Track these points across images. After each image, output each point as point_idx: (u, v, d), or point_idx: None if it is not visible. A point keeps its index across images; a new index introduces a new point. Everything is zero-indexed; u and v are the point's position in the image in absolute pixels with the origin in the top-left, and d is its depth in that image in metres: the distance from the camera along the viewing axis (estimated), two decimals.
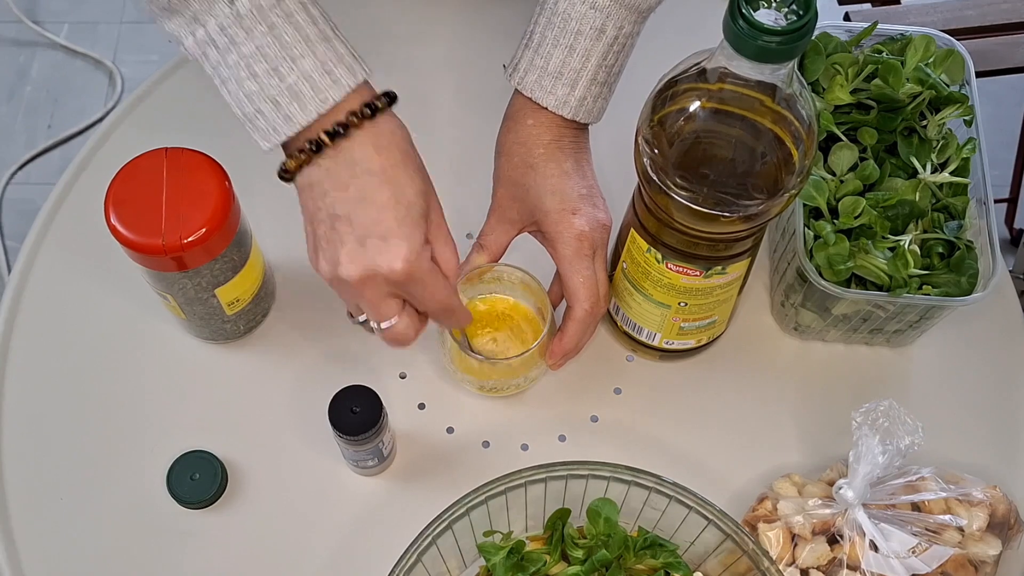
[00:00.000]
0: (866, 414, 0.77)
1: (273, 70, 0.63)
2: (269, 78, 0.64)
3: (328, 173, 0.66)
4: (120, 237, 0.75)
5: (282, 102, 0.64)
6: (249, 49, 0.63)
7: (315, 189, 0.66)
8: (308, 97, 0.64)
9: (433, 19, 1.05)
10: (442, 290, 0.70)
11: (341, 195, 0.66)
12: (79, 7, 2.04)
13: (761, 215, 0.70)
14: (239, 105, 0.66)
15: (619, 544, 0.75)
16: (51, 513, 0.83)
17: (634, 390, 0.89)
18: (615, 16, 0.75)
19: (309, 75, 0.64)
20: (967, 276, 0.81)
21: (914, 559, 0.75)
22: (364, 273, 0.66)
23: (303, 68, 0.63)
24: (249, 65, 0.64)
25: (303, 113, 0.64)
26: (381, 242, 0.66)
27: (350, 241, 0.66)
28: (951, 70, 0.88)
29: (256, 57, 0.63)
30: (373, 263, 0.66)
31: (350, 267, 0.66)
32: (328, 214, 0.66)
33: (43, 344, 0.90)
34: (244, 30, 0.63)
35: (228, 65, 0.64)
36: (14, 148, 1.90)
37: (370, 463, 0.82)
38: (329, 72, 0.64)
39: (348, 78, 0.65)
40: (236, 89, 0.65)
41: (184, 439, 0.85)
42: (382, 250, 0.66)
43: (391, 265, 0.66)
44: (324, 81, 0.64)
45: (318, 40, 0.64)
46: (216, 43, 0.64)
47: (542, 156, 0.78)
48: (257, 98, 0.64)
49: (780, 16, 0.60)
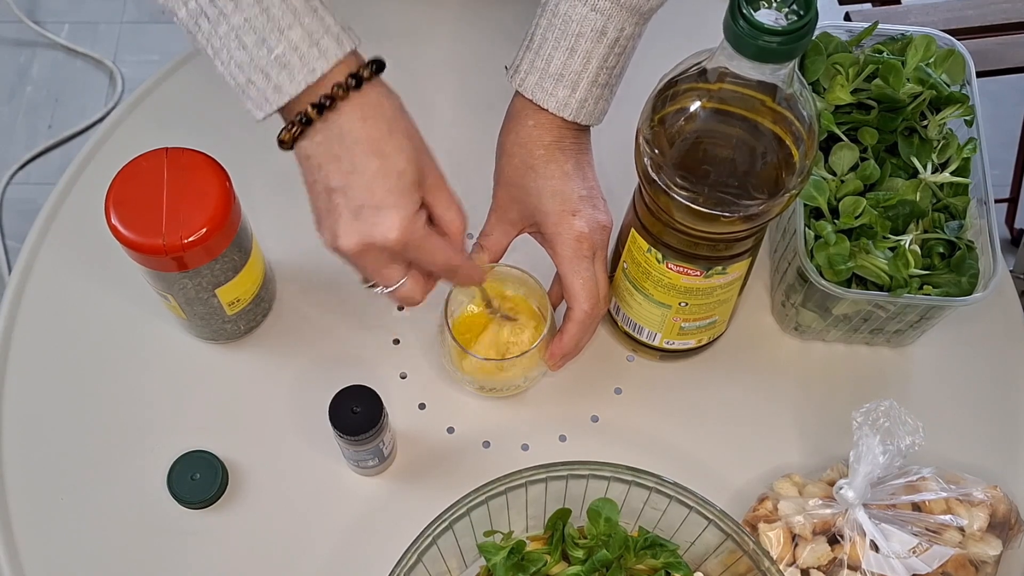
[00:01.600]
0: (867, 414, 0.77)
1: (261, 41, 0.64)
2: (258, 49, 0.64)
3: (320, 146, 0.67)
4: (121, 237, 0.75)
5: (271, 73, 0.65)
6: (238, 20, 0.64)
7: (312, 161, 0.68)
8: (296, 68, 0.64)
9: (434, 20, 1.05)
10: (441, 252, 0.71)
11: (334, 167, 0.67)
12: (80, 7, 2.04)
13: (762, 215, 0.70)
14: (231, 76, 0.66)
15: (620, 544, 0.75)
16: (51, 513, 0.83)
17: (634, 390, 0.89)
18: (616, 18, 0.75)
19: (296, 46, 0.64)
20: (968, 276, 0.81)
21: (915, 559, 0.75)
22: (360, 244, 0.68)
23: (291, 39, 0.64)
24: (239, 36, 0.65)
25: (292, 84, 0.65)
26: (374, 212, 0.67)
27: (345, 213, 0.67)
28: (951, 70, 0.88)
29: (245, 28, 0.64)
30: (368, 234, 0.67)
31: (346, 239, 0.68)
32: (324, 187, 0.68)
33: (44, 344, 0.90)
34: (233, 1, 0.64)
35: (219, 36, 0.65)
36: (14, 148, 1.90)
37: (370, 463, 0.82)
38: (316, 43, 0.65)
39: (335, 49, 0.65)
40: (228, 59, 0.66)
41: (185, 439, 0.85)
42: (375, 220, 0.67)
43: (385, 235, 0.67)
44: (312, 52, 0.64)
45: (305, 11, 0.65)
46: (207, 14, 0.65)
47: (542, 157, 0.78)
48: (248, 68, 0.65)
49: (780, 16, 0.60)
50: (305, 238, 0.72)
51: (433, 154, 0.70)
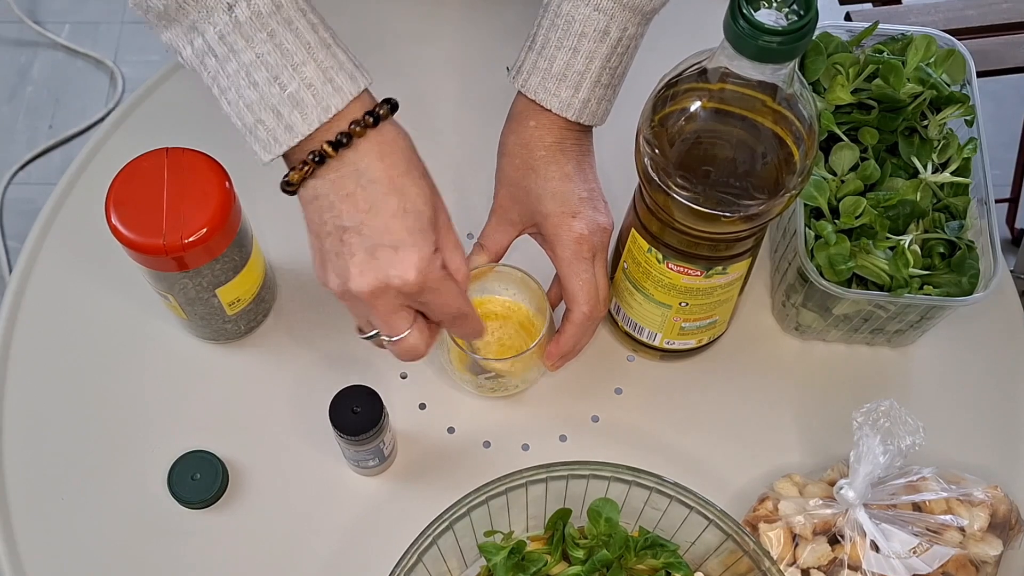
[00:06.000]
0: (867, 414, 0.77)
1: (274, 78, 0.62)
2: (270, 87, 0.62)
3: (333, 185, 0.64)
4: (121, 237, 0.75)
5: (283, 111, 0.62)
6: (249, 57, 0.62)
7: (321, 202, 0.65)
8: (310, 106, 0.62)
9: (436, 20, 1.05)
10: (455, 297, 0.68)
11: (348, 206, 0.64)
12: (80, 7, 2.04)
13: (762, 215, 0.70)
14: (239, 116, 0.64)
15: (620, 544, 0.75)
16: (52, 513, 0.83)
17: (635, 390, 0.89)
18: (618, 18, 0.75)
19: (311, 83, 0.62)
20: (968, 276, 0.81)
21: (915, 559, 0.75)
22: (376, 284, 0.65)
23: (304, 75, 0.62)
24: (249, 74, 0.62)
25: (304, 122, 0.63)
26: (392, 252, 0.64)
27: (360, 252, 0.64)
28: (952, 70, 0.88)
29: (256, 65, 0.62)
30: (385, 274, 0.64)
31: (361, 279, 0.65)
32: (335, 226, 0.65)
33: (44, 344, 0.90)
34: (244, 38, 0.62)
35: (227, 74, 0.63)
36: (15, 148, 1.90)
37: (371, 463, 0.82)
38: (331, 80, 0.63)
39: (350, 85, 0.63)
40: (236, 99, 0.63)
41: (185, 439, 0.85)
42: (393, 260, 0.64)
43: (404, 275, 0.64)
44: (326, 89, 0.62)
45: (319, 47, 0.63)
46: (215, 52, 0.63)
47: (543, 158, 0.78)
48: (258, 107, 0.63)
49: (781, 16, 0.60)
50: (305, 238, 0.72)
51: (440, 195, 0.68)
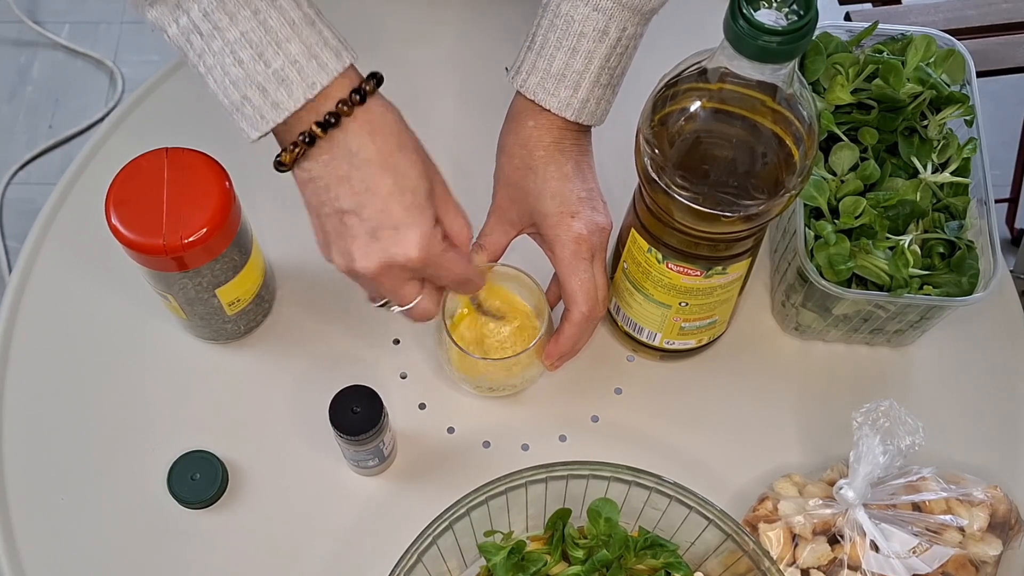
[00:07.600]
0: (867, 414, 0.77)
1: (259, 55, 0.63)
2: (255, 64, 0.63)
3: (326, 167, 0.65)
4: (121, 237, 0.75)
5: (269, 88, 0.63)
6: (233, 35, 0.63)
7: (316, 183, 0.66)
8: (295, 82, 0.63)
9: (435, 20, 1.05)
10: (458, 265, 0.70)
11: (344, 188, 0.65)
12: (80, 7, 2.04)
13: (762, 215, 0.70)
14: (225, 94, 0.65)
15: (620, 544, 0.75)
16: (52, 513, 0.83)
17: (635, 390, 0.89)
18: (618, 18, 0.75)
19: (295, 59, 0.63)
20: (968, 276, 0.81)
21: (915, 559, 0.75)
22: (381, 264, 0.67)
23: (289, 52, 0.63)
24: (234, 51, 0.63)
25: (290, 99, 0.63)
26: (393, 232, 0.66)
27: (361, 234, 0.66)
28: (952, 70, 0.88)
29: (241, 43, 0.63)
30: (388, 254, 0.66)
31: (365, 260, 0.67)
32: (334, 208, 0.66)
33: (44, 344, 0.90)
34: (228, 15, 0.62)
35: (213, 52, 0.63)
36: (15, 148, 1.90)
37: (371, 463, 0.82)
38: (316, 56, 0.63)
39: (334, 62, 0.64)
40: (221, 77, 0.64)
41: (185, 439, 0.85)
42: (395, 240, 0.66)
43: (407, 254, 0.66)
44: (311, 65, 0.63)
45: (303, 23, 0.63)
46: (200, 30, 0.63)
47: (542, 158, 0.78)
48: (243, 85, 0.63)
49: (781, 16, 0.60)
50: (305, 238, 0.72)
51: (435, 162, 0.70)
